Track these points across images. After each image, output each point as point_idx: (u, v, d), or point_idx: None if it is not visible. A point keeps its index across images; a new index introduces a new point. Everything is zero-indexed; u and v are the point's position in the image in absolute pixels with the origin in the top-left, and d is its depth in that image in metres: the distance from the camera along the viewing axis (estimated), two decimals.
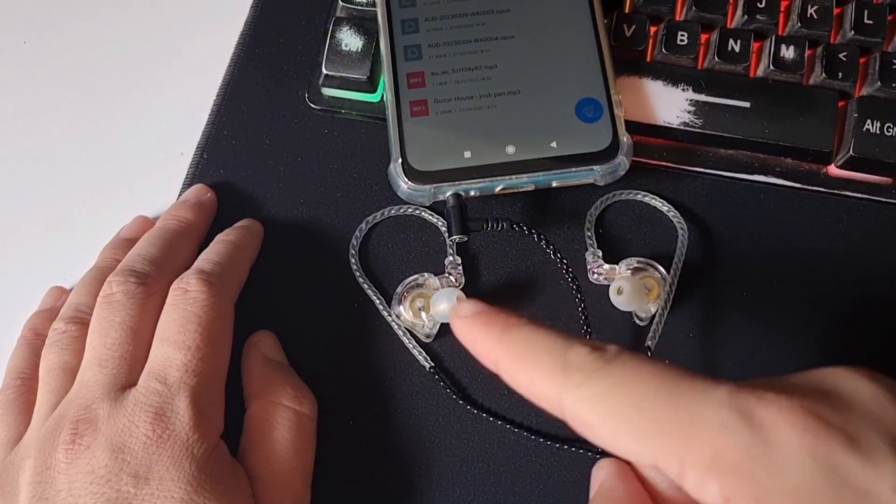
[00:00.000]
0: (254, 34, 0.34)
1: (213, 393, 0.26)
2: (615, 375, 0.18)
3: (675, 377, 0.17)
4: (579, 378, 0.18)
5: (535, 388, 0.19)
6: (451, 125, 0.29)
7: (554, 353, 0.19)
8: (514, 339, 0.20)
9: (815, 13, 0.31)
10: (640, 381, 0.17)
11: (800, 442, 0.16)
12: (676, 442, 0.17)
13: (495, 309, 0.21)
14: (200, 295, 0.26)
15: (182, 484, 0.23)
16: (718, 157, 0.31)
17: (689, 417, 0.17)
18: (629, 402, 0.17)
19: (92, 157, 0.34)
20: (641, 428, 0.17)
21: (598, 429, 0.18)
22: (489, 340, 0.20)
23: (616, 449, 0.18)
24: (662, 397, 0.17)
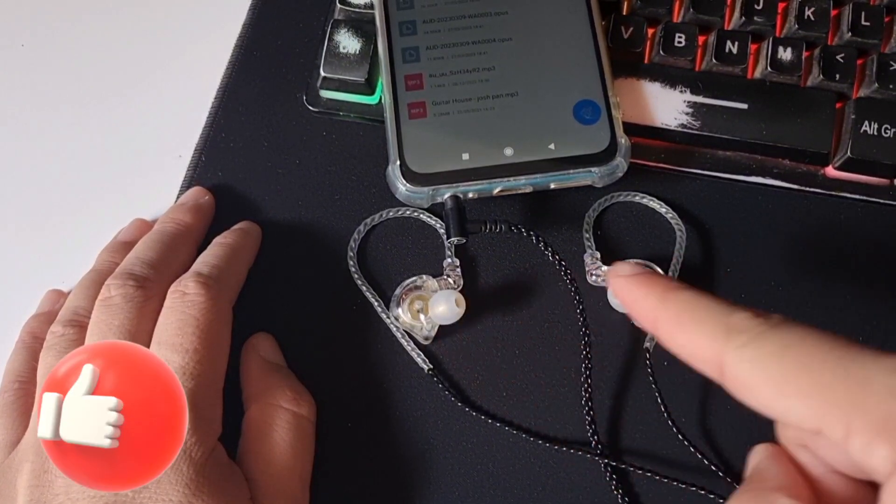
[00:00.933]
0: (252, 36, 0.34)
1: (211, 396, 0.26)
2: (781, 338, 0.18)
3: (843, 344, 0.17)
4: (743, 339, 0.18)
5: (695, 348, 0.19)
6: (450, 127, 0.29)
7: (717, 315, 0.19)
8: (676, 300, 0.20)
9: (812, 15, 0.31)
10: (807, 344, 0.17)
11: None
12: (844, 404, 0.16)
13: (655, 273, 0.21)
14: (198, 298, 0.26)
15: (180, 487, 0.23)
16: (716, 158, 0.31)
17: (858, 381, 0.16)
18: (796, 364, 0.17)
19: (90, 159, 0.34)
20: (808, 389, 0.17)
21: (762, 389, 0.17)
22: (650, 300, 0.20)
23: (778, 410, 0.17)
24: (831, 360, 0.17)
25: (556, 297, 0.30)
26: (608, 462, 0.28)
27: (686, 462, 0.28)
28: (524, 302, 0.30)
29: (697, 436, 0.28)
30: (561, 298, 0.30)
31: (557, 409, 0.29)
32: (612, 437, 0.29)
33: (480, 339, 0.30)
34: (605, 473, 0.28)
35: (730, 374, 0.18)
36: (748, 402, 0.18)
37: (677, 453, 0.28)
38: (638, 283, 0.21)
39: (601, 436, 0.28)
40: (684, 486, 0.27)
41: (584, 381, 0.28)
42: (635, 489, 0.28)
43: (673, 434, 0.28)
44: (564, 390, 0.29)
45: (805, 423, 0.17)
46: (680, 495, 0.27)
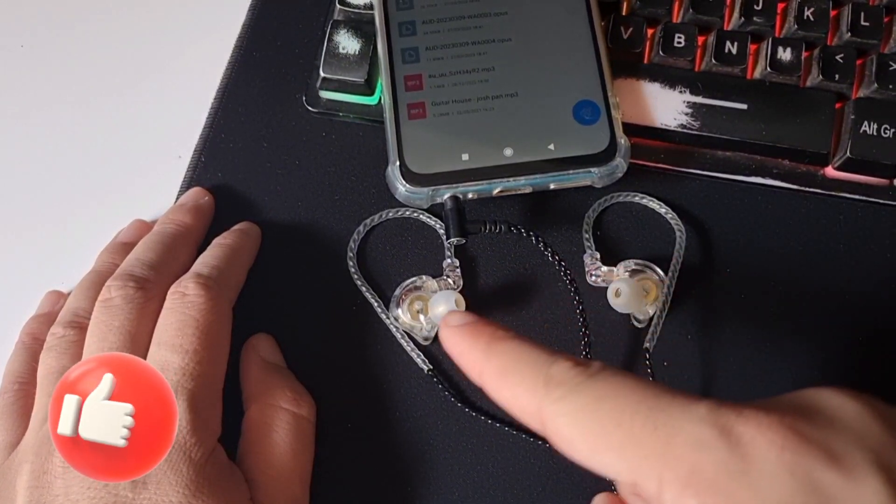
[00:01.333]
0: (251, 37, 0.34)
1: (211, 396, 0.26)
2: (596, 390, 0.18)
3: (655, 393, 0.17)
4: (560, 392, 0.18)
5: (517, 402, 0.19)
6: (449, 127, 0.29)
7: (537, 367, 0.19)
8: (500, 352, 0.20)
9: (811, 15, 0.31)
10: (620, 396, 0.17)
11: (778, 457, 0.16)
12: (654, 457, 0.16)
13: (483, 321, 0.21)
14: (198, 299, 0.26)
15: (180, 488, 0.23)
16: (716, 158, 0.31)
17: (667, 433, 0.17)
18: (608, 417, 0.17)
19: (89, 160, 0.34)
20: (620, 443, 0.17)
21: (578, 444, 0.18)
22: (475, 352, 0.20)
23: (595, 465, 0.18)
24: (641, 413, 0.17)
25: (555, 298, 0.30)
26: None
27: None
28: (524, 302, 0.30)
29: None
30: (560, 299, 0.30)
31: None
32: None
33: None
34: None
35: (549, 429, 0.18)
36: (568, 456, 0.18)
37: None
38: (463, 335, 0.21)
39: None
40: None
41: None
42: None
43: None
44: None
45: (622, 477, 0.17)
46: None
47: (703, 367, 0.29)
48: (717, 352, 0.29)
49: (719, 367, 0.29)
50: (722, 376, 0.29)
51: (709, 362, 0.29)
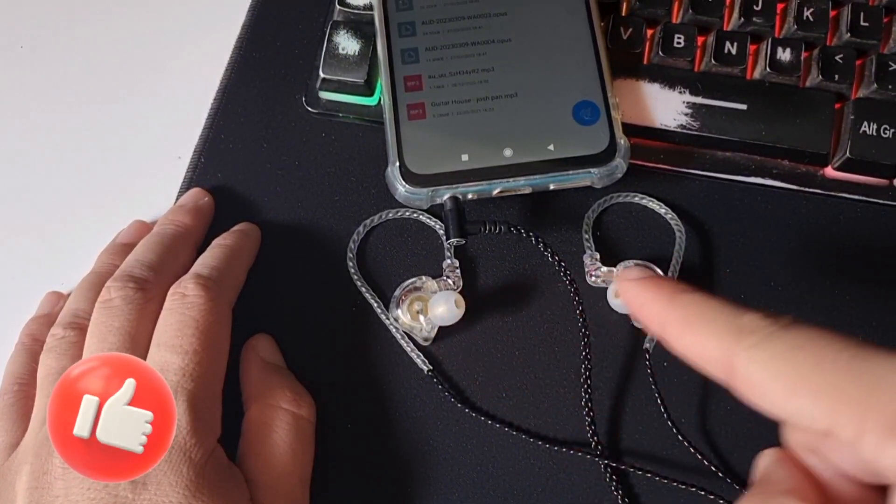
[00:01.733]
0: (251, 38, 0.34)
1: (211, 397, 0.26)
2: (791, 338, 0.17)
3: (855, 343, 0.17)
4: (754, 339, 0.18)
5: (703, 349, 0.19)
6: (449, 128, 0.29)
7: (726, 316, 0.19)
8: (685, 302, 0.20)
9: (811, 15, 0.31)
10: (817, 344, 0.17)
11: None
12: (856, 403, 0.16)
13: (662, 276, 0.21)
14: (198, 299, 0.26)
15: (180, 489, 0.23)
16: (715, 159, 0.31)
17: (871, 380, 0.16)
18: (807, 363, 0.17)
19: (89, 161, 0.34)
20: (819, 388, 0.17)
21: (772, 389, 0.17)
22: (659, 302, 0.20)
23: (790, 411, 0.17)
24: (842, 360, 0.17)
25: (555, 298, 0.30)
26: (608, 463, 0.28)
27: (686, 463, 0.28)
28: (524, 303, 0.30)
29: (697, 436, 0.28)
30: (560, 299, 0.30)
31: (557, 410, 0.29)
32: (612, 438, 0.29)
33: (480, 340, 0.30)
34: (604, 474, 0.28)
35: (740, 375, 0.18)
36: (758, 404, 0.18)
37: (677, 454, 0.28)
38: (646, 287, 0.21)
39: (601, 437, 0.28)
40: (684, 487, 0.27)
41: (583, 381, 0.28)
42: (635, 490, 0.28)
43: (673, 435, 0.28)
44: (564, 391, 0.29)
45: (816, 423, 0.17)
46: (680, 496, 0.27)
47: None
48: None
49: None
50: None
51: None
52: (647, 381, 0.28)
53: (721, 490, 0.27)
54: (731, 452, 0.28)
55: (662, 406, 0.28)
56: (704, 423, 0.29)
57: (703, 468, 0.28)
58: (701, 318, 0.19)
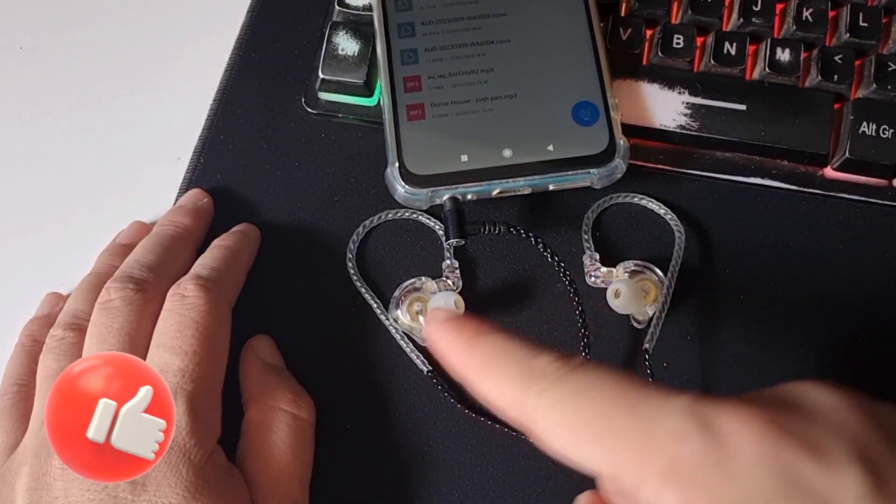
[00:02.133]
0: (250, 38, 0.34)
1: (211, 398, 0.26)
2: (577, 382, 0.18)
3: (636, 386, 0.17)
4: (542, 385, 0.18)
5: (498, 395, 0.19)
6: (448, 129, 0.29)
7: (519, 360, 0.19)
8: (482, 346, 0.20)
9: (810, 16, 0.31)
10: (601, 388, 0.17)
11: (757, 449, 0.16)
12: (634, 450, 0.16)
13: (468, 316, 0.21)
14: (198, 300, 0.26)
15: (179, 490, 0.23)
16: (715, 159, 0.31)
17: (647, 425, 0.16)
18: (589, 409, 0.17)
19: (88, 161, 0.34)
20: (599, 435, 0.17)
21: (558, 436, 0.18)
22: (458, 347, 0.20)
23: (575, 457, 0.17)
24: (623, 405, 0.17)
25: (555, 299, 0.30)
26: None
27: None
28: (523, 303, 0.30)
29: None
30: (560, 300, 0.30)
31: None
32: None
33: None
34: None
35: (530, 421, 0.18)
36: (549, 450, 0.18)
37: None
38: (447, 329, 0.20)
39: None
40: None
41: None
42: None
43: None
44: None
45: (601, 469, 0.17)
46: None
47: (703, 367, 0.29)
48: (716, 352, 0.29)
49: (719, 367, 0.29)
50: (721, 377, 0.29)
51: (708, 363, 0.29)
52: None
53: None
54: None
55: None
56: None
57: None
58: (496, 363, 0.19)
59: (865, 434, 0.16)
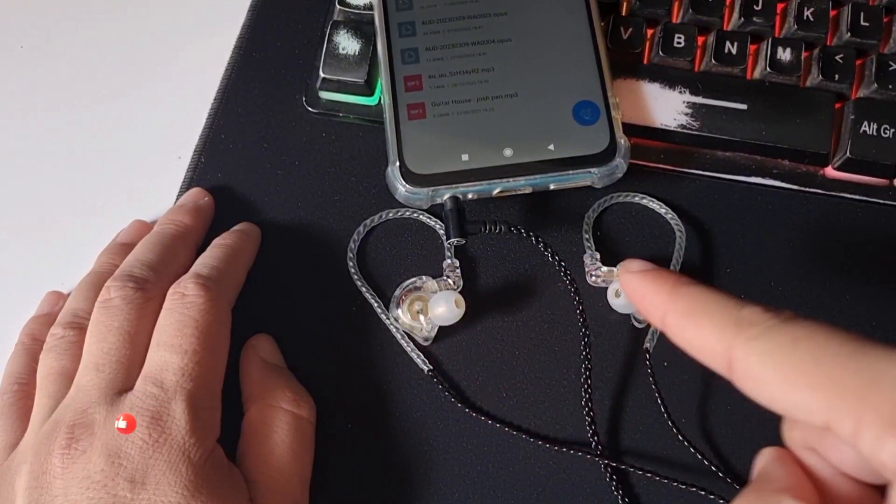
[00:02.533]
0: (251, 38, 0.35)
1: (210, 397, 0.26)
2: (791, 332, 0.17)
3: (855, 337, 0.17)
4: (754, 332, 0.18)
5: (704, 341, 0.19)
6: (449, 128, 0.29)
7: (727, 308, 0.19)
8: (687, 294, 0.20)
9: (811, 15, 0.31)
10: (817, 338, 0.17)
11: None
12: (855, 397, 0.16)
13: (664, 269, 0.21)
14: (198, 299, 0.26)
15: (178, 489, 0.23)
16: (716, 159, 0.31)
17: (870, 374, 0.16)
18: (806, 356, 0.17)
19: (89, 161, 0.34)
20: (818, 381, 0.17)
21: (771, 383, 0.17)
22: (660, 294, 0.20)
23: (788, 405, 0.17)
24: (842, 354, 0.17)
25: (555, 298, 0.30)
26: (608, 463, 0.28)
27: (686, 462, 0.28)
28: (524, 303, 0.30)
29: (697, 436, 0.28)
30: (560, 299, 0.30)
31: (557, 410, 0.29)
32: (612, 438, 0.29)
33: (480, 340, 0.30)
34: (605, 474, 0.28)
35: (739, 368, 0.18)
36: (757, 397, 0.18)
37: (677, 454, 0.28)
38: (648, 279, 0.21)
39: (601, 436, 0.28)
40: (684, 487, 0.27)
41: (583, 381, 0.28)
42: (635, 490, 0.28)
43: (673, 434, 0.28)
44: (564, 391, 0.29)
45: (814, 417, 0.17)
46: (680, 496, 0.27)
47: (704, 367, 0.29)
48: None
49: None
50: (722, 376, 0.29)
51: None
52: (648, 380, 0.28)
53: (721, 490, 0.27)
54: (731, 452, 0.28)
55: (662, 406, 0.28)
56: (704, 423, 0.29)
57: (704, 468, 0.28)
58: (702, 310, 0.19)
59: None
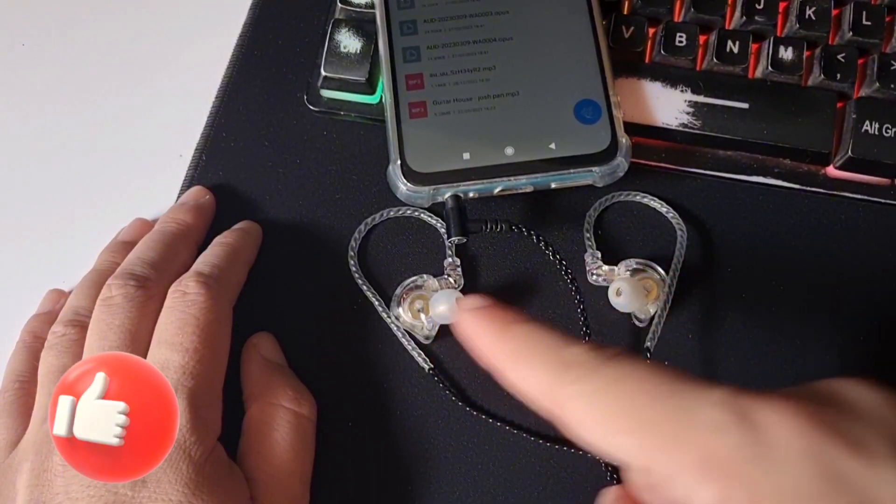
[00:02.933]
0: (252, 36, 0.35)
1: (211, 395, 0.26)
2: (611, 373, 0.17)
3: (673, 377, 0.17)
4: (575, 374, 0.18)
5: (530, 385, 0.19)
6: (450, 127, 0.29)
7: (552, 349, 0.18)
8: (514, 336, 0.19)
9: (813, 14, 0.31)
10: (636, 379, 0.17)
11: (799, 443, 0.16)
12: (670, 441, 0.16)
13: (499, 305, 0.20)
14: (199, 297, 0.26)
15: (179, 486, 0.23)
16: (717, 158, 0.31)
17: (683, 416, 0.16)
18: (624, 400, 0.17)
19: (90, 159, 0.34)
20: (634, 426, 0.17)
21: (591, 426, 0.17)
22: (488, 335, 0.20)
23: (608, 448, 0.17)
24: (658, 396, 0.17)
25: (556, 297, 0.30)
26: (608, 462, 0.28)
27: None
28: (525, 301, 0.30)
29: None
30: (561, 298, 0.30)
31: None
32: None
33: None
34: (605, 473, 0.28)
35: (561, 411, 0.18)
36: (579, 441, 0.18)
37: None
38: (477, 318, 0.20)
39: None
40: None
41: None
42: None
43: None
44: None
45: (634, 461, 0.17)
46: None
47: (705, 366, 0.29)
48: (718, 351, 0.29)
49: (721, 366, 0.29)
50: (723, 376, 0.29)
51: (710, 361, 0.29)
52: None
53: None
54: None
55: None
56: None
57: None
58: (528, 352, 0.19)
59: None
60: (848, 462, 0.15)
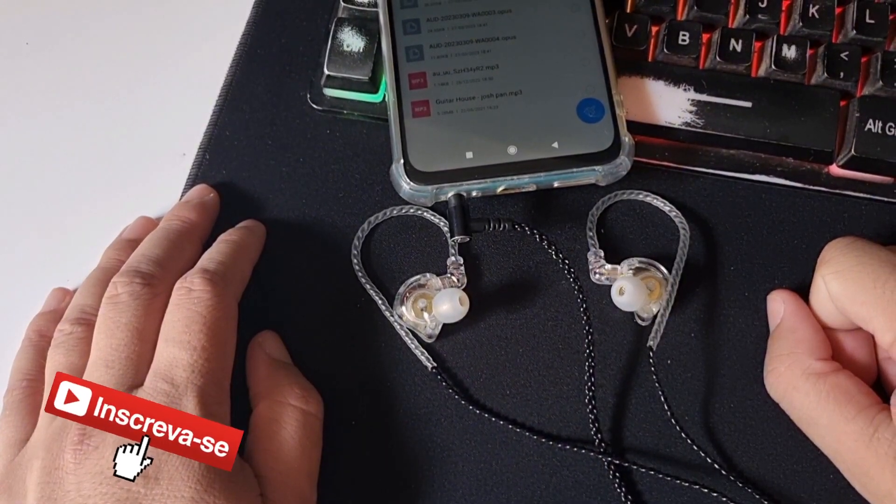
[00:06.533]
0: (255, 35, 0.35)
1: (220, 392, 0.26)
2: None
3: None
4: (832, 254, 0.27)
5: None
6: (453, 126, 0.29)
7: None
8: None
9: (816, 13, 0.31)
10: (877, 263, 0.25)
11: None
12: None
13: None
14: (204, 294, 0.26)
15: (192, 483, 0.23)
16: (720, 156, 0.31)
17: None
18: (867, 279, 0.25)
19: (94, 157, 0.34)
20: (874, 301, 0.25)
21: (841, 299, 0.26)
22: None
23: (853, 317, 0.25)
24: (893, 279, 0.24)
25: (559, 296, 0.30)
26: (611, 460, 0.28)
27: (689, 460, 0.28)
28: (527, 300, 0.30)
29: (700, 434, 0.29)
30: (564, 297, 0.30)
31: (561, 408, 0.29)
32: (616, 436, 0.29)
33: (484, 338, 0.30)
34: (608, 471, 0.28)
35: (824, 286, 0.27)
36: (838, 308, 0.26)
37: (680, 451, 0.28)
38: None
39: (604, 434, 0.28)
40: (687, 485, 0.27)
41: (587, 379, 0.28)
42: (638, 487, 0.28)
43: (676, 432, 0.28)
44: (568, 388, 0.29)
45: (867, 326, 0.25)
46: (683, 493, 0.28)
47: (707, 365, 0.29)
48: (720, 350, 0.30)
49: (723, 365, 0.29)
50: (726, 374, 0.29)
51: (712, 360, 0.29)
52: (651, 378, 0.28)
53: (724, 487, 0.27)
54: (734, 450, 0.28)
55: (666, 403, 0.28)
56: (707, 421, 0.29)
57: (707, 465, 0.28)
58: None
59: None
60: None
